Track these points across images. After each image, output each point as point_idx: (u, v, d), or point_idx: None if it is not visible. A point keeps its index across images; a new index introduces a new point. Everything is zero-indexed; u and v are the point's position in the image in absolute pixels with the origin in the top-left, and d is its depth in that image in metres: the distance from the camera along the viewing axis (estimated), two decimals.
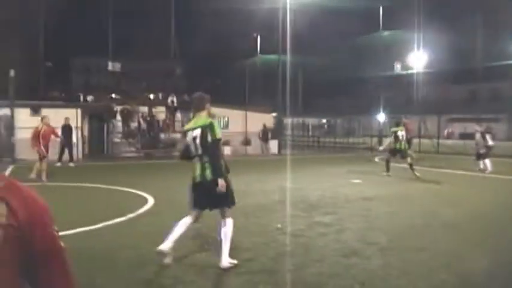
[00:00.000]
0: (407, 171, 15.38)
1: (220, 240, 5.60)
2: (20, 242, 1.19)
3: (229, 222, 5.64)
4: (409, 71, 45.15)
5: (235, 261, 5.60)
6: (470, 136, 33.63)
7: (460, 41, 41.18)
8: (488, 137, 18.19)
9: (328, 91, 69.13)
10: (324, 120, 55.50)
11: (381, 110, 37.51)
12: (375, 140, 35.66)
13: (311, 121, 53.02)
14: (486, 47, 37.12)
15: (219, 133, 5.62)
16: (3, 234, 1.16)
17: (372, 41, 44.20)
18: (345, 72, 58.54)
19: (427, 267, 5.79)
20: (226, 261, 5.51)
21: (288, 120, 37.13)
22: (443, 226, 8.00)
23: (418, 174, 15.18)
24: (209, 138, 5.49)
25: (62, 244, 1.32)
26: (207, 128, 5.53)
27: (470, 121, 45.48)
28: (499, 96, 67.40)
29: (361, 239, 7.11)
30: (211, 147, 5.52)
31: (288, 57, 32.00)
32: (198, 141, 5.54)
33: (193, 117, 6.10)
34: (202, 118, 5.73)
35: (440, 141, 32.19)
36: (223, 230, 5.60)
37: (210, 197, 5.54)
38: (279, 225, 7.84)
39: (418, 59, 43.92)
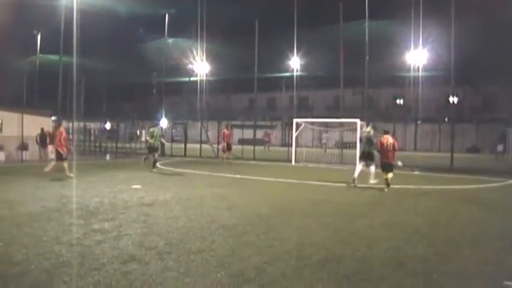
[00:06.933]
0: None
1: None
2: None
3: None
4: (193, 78, 46.45)
5: None
6: (248, 141, 35.95)
7: (240, 53, 43.74)
8: None
9: (112, 95, 67.76)
10: (107, 125, 53.95)
11: (163, 115, 37.87)
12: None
13: (93, 126, 51.13)
14: (264, 60, 40.08)
15: None
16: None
17: (156, 47, 44.38)
18: (129, 77, 57.84)
19: (204, 267, 5.97)
20: None
21: (69, 125, 35.21)
22: (221, 228, 8.34)
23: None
24: None
25: None
26: None
27: (249, 127, 48.66)
28: (273, 105, 73.61)
29: (139, 244, 7.07)
30: None
31: (74, 59, 30.60)
32: None
33: None
34: None
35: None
36: None
37: None
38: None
39: (202, 68, 45.55)
